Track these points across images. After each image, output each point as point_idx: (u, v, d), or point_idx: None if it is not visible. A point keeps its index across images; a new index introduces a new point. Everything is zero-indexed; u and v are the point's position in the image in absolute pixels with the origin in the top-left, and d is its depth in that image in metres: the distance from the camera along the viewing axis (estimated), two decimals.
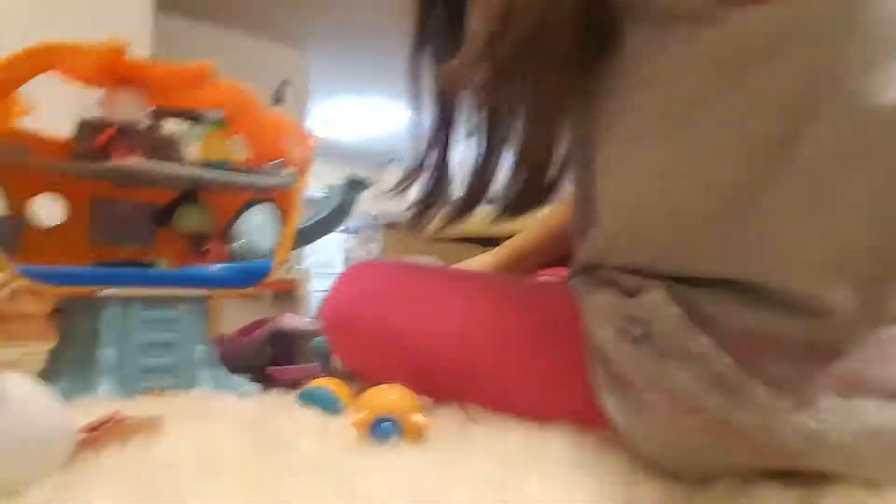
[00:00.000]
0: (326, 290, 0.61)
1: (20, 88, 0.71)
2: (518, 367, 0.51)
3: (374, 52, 4.71)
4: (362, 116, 6.08)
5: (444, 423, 0.50)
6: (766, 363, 0.37)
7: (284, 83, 3.25)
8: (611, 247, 0.46)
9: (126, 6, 1.85)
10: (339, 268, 6.07)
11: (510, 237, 0.80)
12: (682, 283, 0.40)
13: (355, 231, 6.64)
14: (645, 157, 0.41)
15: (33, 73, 0.68)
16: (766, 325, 0.38)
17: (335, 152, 7.05)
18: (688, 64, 0.38)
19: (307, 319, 0.97)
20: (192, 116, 0.77)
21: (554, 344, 0.50)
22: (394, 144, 7.10)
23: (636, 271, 0.43)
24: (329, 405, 0.54)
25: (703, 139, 0.38)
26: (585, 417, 0.48)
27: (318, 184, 1.00)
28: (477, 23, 0.42)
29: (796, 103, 0.36)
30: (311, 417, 0.52)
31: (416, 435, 0.46)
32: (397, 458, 0.42)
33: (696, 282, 0.40)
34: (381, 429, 0.45)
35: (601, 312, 0.44)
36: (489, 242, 0.90)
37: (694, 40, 0.37)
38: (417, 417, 0.46)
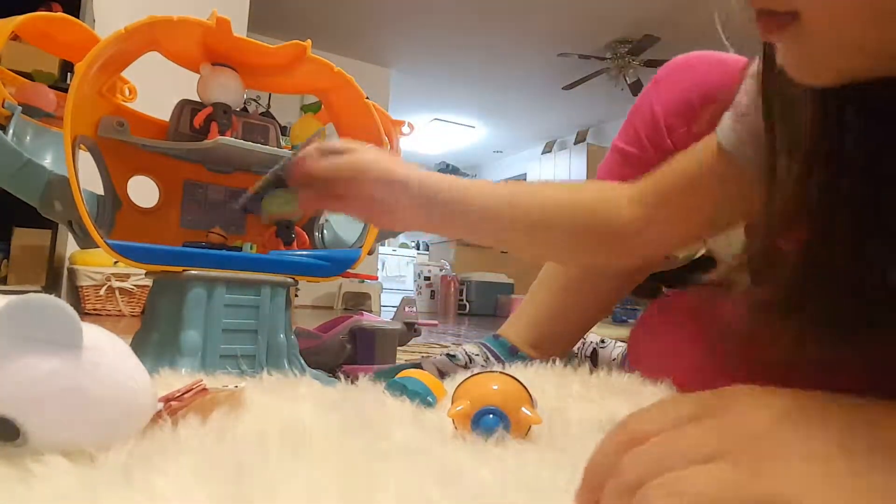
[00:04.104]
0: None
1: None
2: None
3: (451, 73, 4.78)
4: (437, 133, 6.17)
5: (554, 419, 0.43)
6: None
7: None
8: None
9: None
10: (409, 283, 6.11)
11: None
12: None
13: (426, 247, 6.68)
14: None
15: (138, 52, 0.69)
16: None
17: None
18: None
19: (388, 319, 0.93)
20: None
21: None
22: (466, 160, 7.14)
23: None
24: (422, 396, 0.49)
25: None
26: None
27: None
28: None
29: None
30: (401, 406, 0.47)
31: (524, 430, 0.40)
32: (505, 453, 0.36)
33: None
34: (485, 422, 0.39)
35: None
36: None
37: None
38: (526, 411, 0.39)
